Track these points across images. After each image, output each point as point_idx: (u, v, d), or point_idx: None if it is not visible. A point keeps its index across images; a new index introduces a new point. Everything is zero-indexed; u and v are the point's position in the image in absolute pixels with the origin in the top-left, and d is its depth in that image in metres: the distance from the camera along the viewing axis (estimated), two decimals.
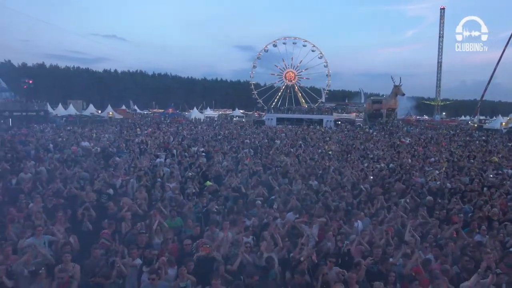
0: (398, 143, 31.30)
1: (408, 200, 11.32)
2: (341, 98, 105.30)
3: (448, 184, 14.28)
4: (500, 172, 17.51)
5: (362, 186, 12.96)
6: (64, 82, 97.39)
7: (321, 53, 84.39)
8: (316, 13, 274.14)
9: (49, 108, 53.17)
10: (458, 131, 51.27)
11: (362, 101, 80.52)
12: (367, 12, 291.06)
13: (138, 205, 9.64)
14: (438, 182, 14.36)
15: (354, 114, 69.61)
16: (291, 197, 10.48)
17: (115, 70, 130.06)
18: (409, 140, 34.13)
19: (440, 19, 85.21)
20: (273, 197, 11.06)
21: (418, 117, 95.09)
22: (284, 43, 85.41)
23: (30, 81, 46.31)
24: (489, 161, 21.07)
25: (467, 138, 39.82)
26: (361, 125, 60.61)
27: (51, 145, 21.56)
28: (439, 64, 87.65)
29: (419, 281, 6.06)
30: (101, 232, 7.75)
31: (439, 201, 11.61)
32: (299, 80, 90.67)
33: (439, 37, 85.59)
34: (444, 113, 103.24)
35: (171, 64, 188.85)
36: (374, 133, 44.42)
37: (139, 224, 8.10)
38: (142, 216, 9.04)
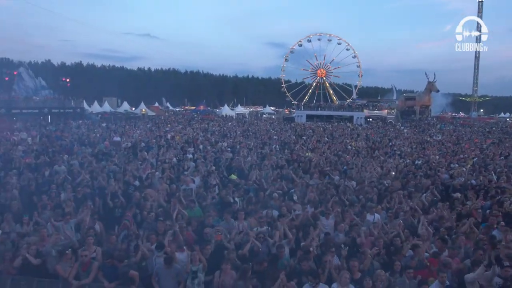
0: (428, 140, 30.81)
1: (428, 195, 11.32)
2: (374, 94, 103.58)
3: (473, 181, 14.10)
4: None
5: (385, 182, 13.04)
6: (100, 80, 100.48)
7: (354, 52, 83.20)
8: (350, 8, 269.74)
9: (85, 105, 55.16)
10: (494, 128, 49.65)
11: (394, 97, 79.09)
12: (403, 6, 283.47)
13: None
14: (463, 179, 14.19)
15: (386, 111, 68.35)
16: (309, 191, 10.72)
17: (149, 68, 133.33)
18: (440, 137, 33.48)
19: (478, 12, 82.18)
20: (292, 190, 11.32)
21: (453, 114, 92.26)
22: (318, 39, 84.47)
23: (68, 80, 48.23)
24: None
25: (504, 135, 38.56)
26: (393, 122, 59.61)
27: (85, 140, 22.61)
28: (477, 58, 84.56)
29: (432, 272, 6.22)
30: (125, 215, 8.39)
31: (458, 196, 11.54)
32: (331, 77, 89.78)
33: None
34: (482, 110, 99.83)
35: (203, 62, 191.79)
36: (405, 130, 43.74)
37: (153, 213, 8.61)
38: (163, 206, 9.55)
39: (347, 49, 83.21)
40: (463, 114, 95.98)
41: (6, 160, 14.60)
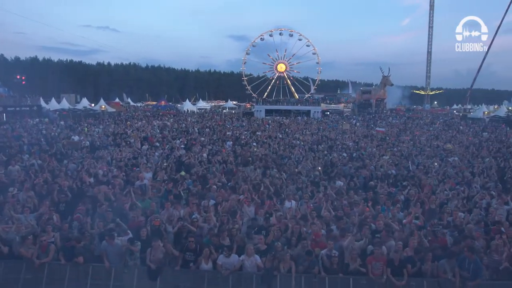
0: (374, 133, 33.21)
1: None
2: (334, 88, 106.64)
3: (393, 171, 16.26)
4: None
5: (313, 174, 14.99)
6: (57, 76, 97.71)
7: (308, 41, 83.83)
8: (311, 1, 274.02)
9: (42, 103, 54.21)
10: (441, 120, 52.95)
11: (350, 91, 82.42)
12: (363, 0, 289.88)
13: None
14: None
15: (342, 104, 71.43)
16: (243, 183, 12.46)
17: (108, 63, 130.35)
18: (385, 130, 36.00)
19: (430, 8, 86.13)
20: (230, 183, 13.01)
21: (408, 107, 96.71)
22: (280, 34, 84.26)
23: (23, 77, 47.36)
24: (444, 148, 23.23)
25: (445, 127, 41.77)
26: (348, 115, 62.50)
27: (43, 140, 23.21)
28: (429, 53, 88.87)
29: (318, 243, 8.06)
30: (76, 209, 9.71)
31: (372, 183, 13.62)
32: (291, 71, 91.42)
33: (429, 26, 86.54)
34: (436, 102, 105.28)
35: (165, 56, 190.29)
36: (357, 124, 46.34)
37: (103, 205, 9.95)
38: (111, 199, 10.91)
39: (300, 39, 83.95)
40: (415, 106, 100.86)
41: None
